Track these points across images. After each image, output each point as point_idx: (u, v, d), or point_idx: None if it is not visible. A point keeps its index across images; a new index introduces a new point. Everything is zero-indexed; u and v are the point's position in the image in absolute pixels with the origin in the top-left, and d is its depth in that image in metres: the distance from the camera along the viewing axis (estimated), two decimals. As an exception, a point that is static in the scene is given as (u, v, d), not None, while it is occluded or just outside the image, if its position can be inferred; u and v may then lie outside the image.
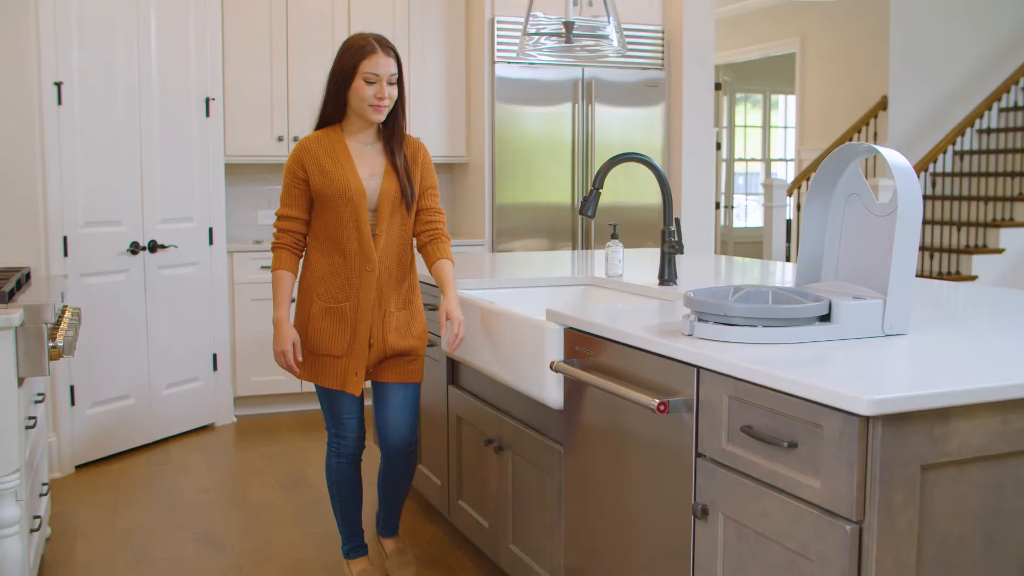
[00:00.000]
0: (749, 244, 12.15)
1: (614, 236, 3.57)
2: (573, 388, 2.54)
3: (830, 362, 1.89)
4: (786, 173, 12.60)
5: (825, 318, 2.16)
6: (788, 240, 8.56)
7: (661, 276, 3.24)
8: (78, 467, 4.64)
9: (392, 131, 3.06)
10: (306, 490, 4.33)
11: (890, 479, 1.64)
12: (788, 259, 8.59)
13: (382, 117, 2.99)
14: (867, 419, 1.63)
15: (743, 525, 1.91)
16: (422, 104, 6.07)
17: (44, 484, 3.51)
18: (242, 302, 5.55)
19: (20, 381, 2.75)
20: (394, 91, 2.98)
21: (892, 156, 2.20)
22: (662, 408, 2.07)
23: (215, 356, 5.40)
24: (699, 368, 2.02)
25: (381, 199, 3.01)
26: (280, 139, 5.76)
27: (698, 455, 2.05)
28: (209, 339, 5.37)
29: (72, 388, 4.55)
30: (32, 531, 3.00)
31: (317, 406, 5.62)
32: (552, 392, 2.62)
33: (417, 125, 6.03)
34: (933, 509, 1.68)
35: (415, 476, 3.89)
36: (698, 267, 3.89)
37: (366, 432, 3.29)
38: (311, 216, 3.07)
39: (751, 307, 2.10)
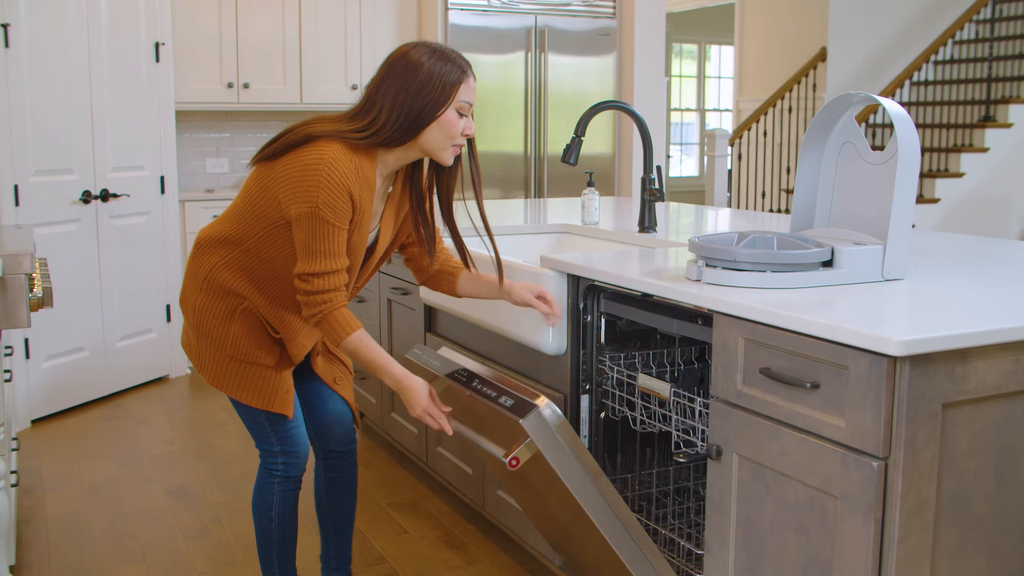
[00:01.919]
0: (685, 193, 12.28)
1: (590, 184, 3.58)
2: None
3: (841, 305, 1.94)
4: (720, 123, 12.74)
5: (827, 263, 2.22)
6: (729, 189, 8.67)
7: (641, 223, 3.27)
8: (34, 421, 4.55)
9: (450, 179, 2.44)
10: (274, 441, 4.30)
11: (915, 417, 1.70)
12: (728, 207, 8.70)
13: (452, 160, 2.37)
14: (895, 359, 1.68)
15: (760, 464, 1.96)
16: (372, 50, 5.98)
17: (14, 439, 3.44)
18: (194, 252, 5.45)
19: None
20: None
21: (891, 106, 2.25)
22: (514, 463, 2.07)
23: (168, 307, 5.31)
24: (714, 312, 2.06)
25: (374, 253, 2.48)
26: (230, 86, 5.63)
27: (711, 397, 2.09)
28: (162, 290, 5.27)
29: (27, 341, 4.44)
30: (12, 486, 2.94)
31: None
32: (549, 339, 2.64)
33: (367, 72, 5.95)
34: (952, 445, 1.76)
35: (389, 428, 3.90)
36: (666, 214, 3.93)
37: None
38: (270, 227, 2.32)
39: (759, 252, 2.14)
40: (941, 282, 2.22)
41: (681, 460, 2.47)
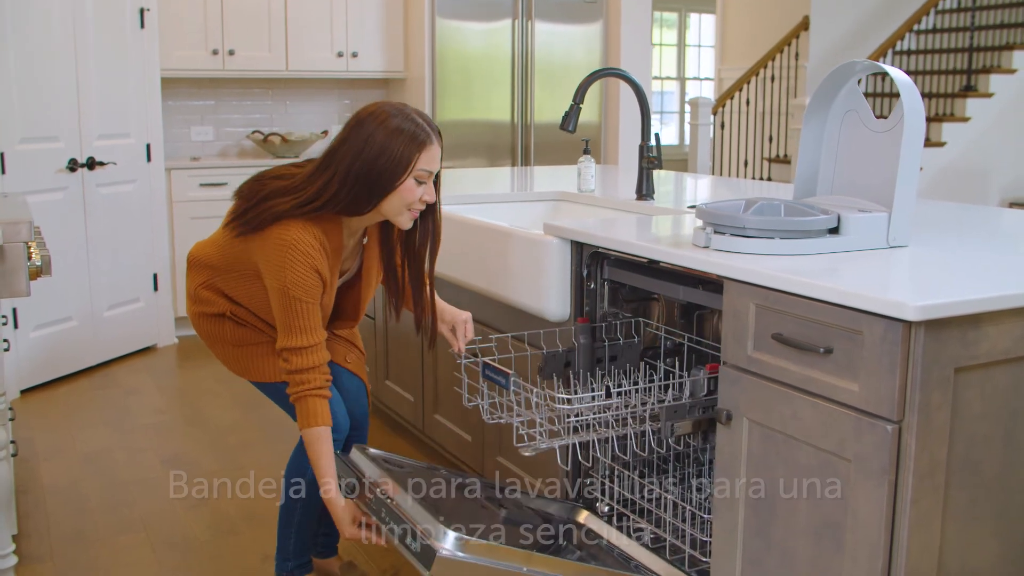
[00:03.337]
0: (665, 161, 12.26)
1: (586, 152, 3.58)
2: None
3: (850, 271, 1.96)
4: (700, 92, 12.73)
5: (833, 230, 2.24)
6: (711, 158, 8.69)
7: (639, 191, 3.27)
8: (23, 391, 4.52)
9: (426, 239, 2.44)
10: (269, 411, 4.28)
11: (928, 381, 1.72)
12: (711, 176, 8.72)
13: (410, 224, 2.38)
14: (910, 324, 1.70)
15: (770, 428, 1.99)
16: (358, 17, 5.92)
17: (9, 408, 3.41)
18: (181, 220, 5.41)
19: (-1, 302, 2.66)
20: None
21: (896, 74, 2.26)
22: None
23: (155, 276, 5.28)
24: (724, 279, 2.08)
25: (361, 300, 2.57)
26: (215, 52, 5.57)
27: (721, 363, 2.11)
28: (149, 259, 5.24)
29: (15, 310, 4.41)
30: (12, 456, 2.93)
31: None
32: (552, 306, 2.65)
33: (353, 38, 5.90)
34: (963, 409, 1.78)
35: (384, 396, 3.90)
36: (662, 183, 3.93)
37: None
38: (249, 270, 2.41)
39: (768, 219, 2.16)
40: (944, 248, 2.24)
41: (527, 453, 2.43)
